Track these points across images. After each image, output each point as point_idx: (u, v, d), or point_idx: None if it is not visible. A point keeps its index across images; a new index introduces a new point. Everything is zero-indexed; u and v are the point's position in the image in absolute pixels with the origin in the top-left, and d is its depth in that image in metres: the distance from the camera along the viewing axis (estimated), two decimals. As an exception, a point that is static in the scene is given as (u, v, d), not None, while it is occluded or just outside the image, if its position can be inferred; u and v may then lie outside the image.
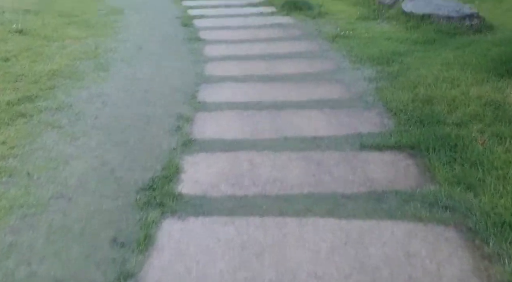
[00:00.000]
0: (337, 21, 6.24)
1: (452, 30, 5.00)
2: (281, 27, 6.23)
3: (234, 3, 7.80)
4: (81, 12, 6.50)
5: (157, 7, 7.21)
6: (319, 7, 7.04)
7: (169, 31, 5.83)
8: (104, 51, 4.86)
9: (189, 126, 3.16)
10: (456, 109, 3.00)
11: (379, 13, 6.39)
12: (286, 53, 4.97)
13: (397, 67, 3.97)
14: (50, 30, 5.49)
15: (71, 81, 3.98)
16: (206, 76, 4.25)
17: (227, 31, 6.02)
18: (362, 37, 5.17)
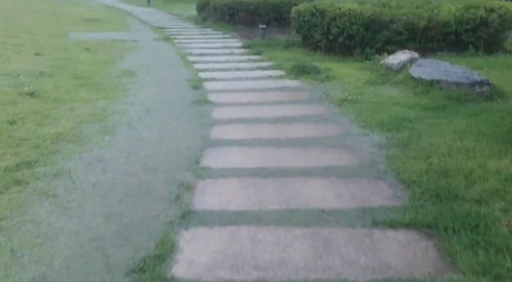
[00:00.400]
0: (344, 85, 6.24)
1: (462, 97, 4.91)
2: (289, 90, 6.25)
3: (244, 66, 7.96)
4: (94, 74, 6.65)
5: (169, 70, 7.36)
6: (327, 71, 7.12)
7: (179, 94, 5.87)
8: (112, 114, 4.84)
9: (189, 196, 2.98)
10: (474, 183, 2.78)
11: (387, 78, 6.40)
12: (294, 116, 4.89)
13: (408, 134, 3.83)
14: (61, 92, 5.56)
15: (74, 146, 3.89)
16: (212, 140, 4.15)
17: (236, 94, 6.05)
18: (370, 102, 5.10)
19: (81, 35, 10.52)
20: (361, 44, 8.22)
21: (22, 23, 12.20)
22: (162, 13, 17.94)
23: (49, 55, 7.85)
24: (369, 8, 8.41)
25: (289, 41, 9.98)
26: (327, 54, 8.64)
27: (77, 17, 14.28)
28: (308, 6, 9.09)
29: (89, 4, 21.43)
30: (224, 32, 12.27)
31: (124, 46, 9.43)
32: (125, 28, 12.56)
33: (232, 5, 13.09)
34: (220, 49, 9.71)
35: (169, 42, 10.37)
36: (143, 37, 10.98)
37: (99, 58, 7.94)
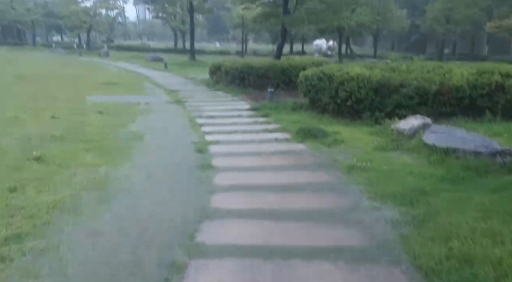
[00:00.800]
0: (353, 150, 6.02)
1: (482, 168, 4.53)
2: (295, 154, 6.05)
3: (251, 129, 7.88)
4: (102, 138, 6.61)
5: (176, 133, 7.31)
6: (334, 135, 6.95)
7: (183, 158, 5.72)
8: (113, 180, 4.66)
9: (178, 281, 2.65)
10: (505, 277, 2.39)
11: (398, 143, 6.16)
12: (298, 184, 4.63)
13: (424, 210, 3.48)
14: (68, 157, 5.46)
15: (69, 216, 3.68)
16: (211, 210, 3.88)
17: (240, 158, 5.88)
18: (381, 169, 4.82)
19: (98, 99, 10.78)
20: (370, 108, 8.13)
21: (46, 87, 12.66)
22: (177, 77, 18.58)
23: (64, 118, 7.94)
24: (377, 72, 8.44)
25: (297, 104, 10.00)
26: (335, 117, 8.56)
27: (96, 81, 14.83)
28: (315, 71, 9.20)
29: (109, 69, 22.47)
30: (234, 95, 12.46)
31: (137, 109, 9.55)
32: (141, 91, 12.90)
33: (242, 69, 13.44)
34: (229, 111, 9.75)
35: (181, 105, 10.51)
36: (156, 100, 11.19)
37: (111, 121, 7.99)
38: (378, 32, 41.35)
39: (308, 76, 9.23)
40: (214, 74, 15.48)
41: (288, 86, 13.87)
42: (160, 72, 21.36)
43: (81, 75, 16.95)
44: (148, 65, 25.65)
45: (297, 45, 52.15)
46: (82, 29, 43.00)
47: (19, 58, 26.83)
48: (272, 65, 13.72)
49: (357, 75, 8.29)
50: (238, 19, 43.20)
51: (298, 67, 14.01)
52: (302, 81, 9.45)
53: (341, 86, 8.34)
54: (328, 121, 8.29)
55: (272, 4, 18.67)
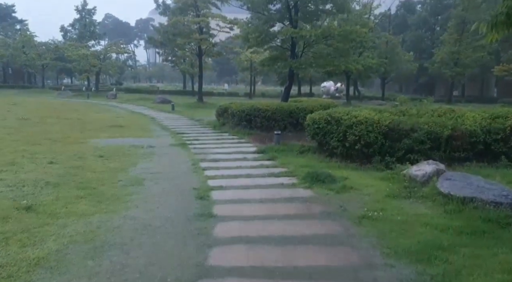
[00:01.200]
0: (363, 197, 5.75)
1: (503, 220, 4.25)
2: (301, 201, 5.78)
3: (256, 172, 7.66)
4: (100, 184, 6.43)
5: (178, 177, 7.11)
6: (343, 181, 6.70)
7: (183, 206, 5.48)
8: (105, 232, 4.42)
9: None
10: None
11: (411, 191, 5.89)
12: (304, 236, 4.33)
13: (442, 269, 3.18)
14: (60, 205, 5.27)
15: (52, 274, 3.43)
16: (208, 268, 3.59)
17: (244, 205, 5.62)
18: (394, 220, 4.52)
19: (101, 142, 10.75)
20: (380, 152, 7.91)
21: (49, 130, 12.74)
22: (184, 119, 18.72)
23: (62, 163, 7.84)
24: (387, 116, 8.30)
25: (304, 147, 9.84)
26: (344, 161, 8.33)
27: (101, 124, 14.95)
28: (323, 114, 9.12)
29: (116, 111, 22.82)
30: (240, 137, 12.38)
31: (139, 152, 9.46)
32: (145, 134, 12.91)
33: (249, 111, 13.47)
34: (234, 154, 9.61)
35: (185, 147, 10.41)
36: (160, 142, 11.13)
37: (112, 165, 7.86)
38: (386, 75, 41.95)
39: (315, 119, 9.13)
40: (221, 117, 15.55)
41: (295, 128, 13.81)
42: (167, 114, 21.60)
43: (86, 118, 17.16)
44: (156, 107, 26.05)
45: (305, 87, 53.12)
46: (91, 72, 44.48)
47: (26, 101, 27.51)
48: (279, 108, 13.75)
49: (365, 119, 8.16)
50: (246, 62, 44.45)
51: (306, 109, 14.03)
52: (310, 124, 9.34)
53: (350, 130, 8.20)
54: (336, 165, 8.07)
55: (279, 48, 19.13)
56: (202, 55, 29.25)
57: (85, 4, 48.50)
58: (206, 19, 27.39)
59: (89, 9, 48.70)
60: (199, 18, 27.22)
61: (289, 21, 17.54)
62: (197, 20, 27.13)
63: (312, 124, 9.23)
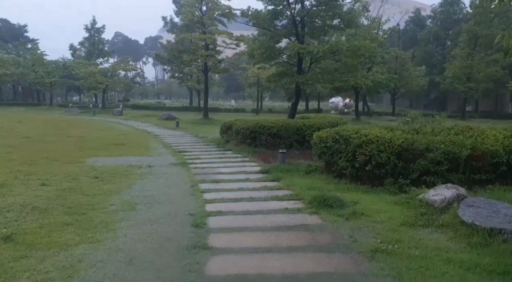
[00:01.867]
0: (376, 225, 5.25)
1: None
2: (307, 230, 5.30)
3: (259, 195, 7.22)
4: (90, 209, 6.04)
5: (174, 201, 6.69)
6: (353, 205, 6.21)
7: (175, 235, 5.05)
8: (86, 267, 4.00)
9: None
10: None
11: (429, 218, 5.38)
12: (310, 274, 3.85)
13: (472, 323, 2.67)
14: (43, 234, 4.87)
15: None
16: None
17: (243, 234, 5.17)
18: (411, 255, 4.02)
19: (99, 161, 10.43)
20: (393, 174, 7.42)
21: (49, 149, 12.47)
22: (188, 136, 18.41)
23: (55, 185, 7.48)
24: (399, 135, 7.84)
25: (311, 166, 9.38)
26: (353, 183, 7.85)
27: (102, 142, 14.68)
28: (330, 132, 8.69)
29: (120, 128, 22.64)
30: (244, 156, 11.97)
31: (137, 172, 9.08)
32: (146, 152, 12.57)
33: (253, 129, 13.10)
34: (236, 174, 9.18)
35: (185, 167, 10.02)
36: (160, 162, 10.77)
37: (106, 187, 7.48)
38: (396, 90, 41.50)
39: (322, 138, 8.70)
40: (225, 134, 15.20)
41: (302, 146, 13.38)
42: (171, 131, 21.34)
43: (88, 136, 16.94)
44: (160, 123, 25.86)
45: (313, 102, 52.87)
46: (98, 90, 44.84)
47: (32, 118, 27.58)
48: (285, 125, 13.35)
49: (376, 137, 7.71)
50: (253, 78, 44.51)
51: (313, 126, 13.61)
52: (316, 143, 8.91)
53: (359, 149, 7.74)
54: (345, 188, 7.59)
55: (286, 64, 18.88)
56: (208, 71, 29.20)
57: (94, 23, 49.34)
58: (212, 36, 27.43)
59: (98, 28, 49.49)
60: (205, 35, 27.25)
61: (296, 36, 17.33)
62: (203, 37, 27.17)
63: (319, 143, 8.80)
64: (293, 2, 17.32)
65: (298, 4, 17.54)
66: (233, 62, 32.04)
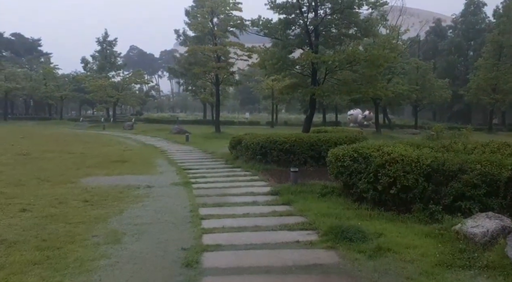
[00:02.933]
0: (405, 266, 4.37)
1: None
2: (322, 272, 4.45)
3: (266, 223, 6.38)
4: (69, 240, 5.31)
5: (167, 232, 5.90)
6: (376, 238, 5.33)
7: (160, 278, 4.23)
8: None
9: None
10: None
11: (470, 256, 4.47)
12: None
13: None
14: (2, 277, 4.10)
15: None
16: None
17: (243, 277, 4.34)
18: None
19: (94, 181, 9.77)
20: (421, 198, 6.50)
21: (45, 167, 11.91)
22: (196, 152, 17.72)
23: (37, 211, 6.81)
24: (427, 154, 6.92)
25: (327, 188, 8.48)
26: (376, 208, 6.94)
27: (104, 158, 14.09)
28: (347, 150, 7.82)
29: (127, 143, 22.14)
30: (253, 173, 11.16)
31: (133, 195, 8.35)
32: (148, 170, 11.88)
33: (264, 144, 12.31)
34: (242, 196, 8.37)
35: (188, 187, 9.25)
36: (162, 181, 10.04)
37: (93, 213, 6.76)
38: (418, 102, 40.22)
39: (339, 156, 7.83)
40: (234, 149, 14.44)
41: (317, 163, 12.50)
42: (180, 146, 20.72)
43: (91, 152, 16.38)
44: (170, 138, 25.33)
45: (331, 114, 51.84)
46: (109, 103, 44.93)
47: (38, 133, 27.47)
48: (298, 140, 12.52)
49: (401, 156, 6.81)
50: (268, 90, 43.94)
51: (329, 141, 12.73)
52: (332, 161, 8.04)
53: (382, 169, 6.85)
54: (367, 214, 6.69)
55: (299, 75, 18.14)
56: (219, 84, 28.71)
57: (107, 36, 49.78)
58: (224, 47, 27.00)
59: (110, 41, 49.89)
60: (216, 47, 26.84)
61: (309, 46, 16.62)
62: (214, 48, 26.77)
63: (335, 161, 7.93)
64: (306, 11, 16.68)
65: (311, 13, 16.88)
66: (245, 74, 31.49)
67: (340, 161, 7.74)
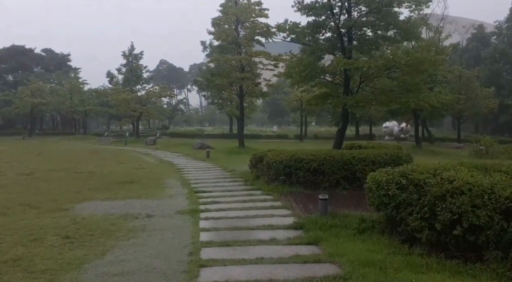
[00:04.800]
0: None
1: None
2: None
3: (286, 275, 4.90)
4: None
5: None
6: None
7: None
8: None
9: None
10: None
11: None
12: None
13: None
14: None
15: None
16: None
17: None
18: None
19: (91, 207, 8.61)
20: (499, 243, 4.84)
21: (41, 190, 10.82)
22: (214, 170, 16.38)
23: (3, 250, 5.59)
24: (504, 181, 5.22)
25: (365, 221, 6.89)
26: (434, 253, 5.32)
27: (111, 179, 12.97)
28: (393, 175, 6.21)
29: (144, 160, 21.14)
30: (275, 198, 9.69)
31: (126, 227, 7.06)
32: (156, 193, 10.62)
33: (288, 163, 10.82)
34: (259, 231, 6.93)
35: (195, 217, 7.88)
36: (166, 208, 8.74)
37: (68, 255, 5.51)
38: (461, 113, 37.49)
39: (381, 182, 6.24)
40: (255, 167, 13.00)
41: (351, 184, 10.87)
42: (199, 162, 19.51)
43: (100, 171, 15.29)
44: (191, 153, 24.22)
45: (364, 127, 49.50)
46: (133, 117, 44.75)
47: (55, 149, 27.09)
48: (328, 157, 10.95)
49: (468, 184, 5.18)
50: (296, 102, 42.36)
51: (366, 160, 11.08)
52: (372, 189, 6.45)
53: (441, 202, 5.25)
54: (421, 263, 5.11)
55: (330, 84, 16.60)
56: (243, 95, 27.49)
57: (132, 49, 50.02)
58: (248, 57, 25.83)
59: (136, 54, 50.09)
60: (239, 56, 25.73)
61: (341, 51, 15.09)
62: (237, 58, 25.66)
63: (376, 189, 6.33)
64: (338, 12, 15.20)
65: (344, 14, 15.39)
66: (272, 84, 30.09)
67: (383, 188, 6.15)
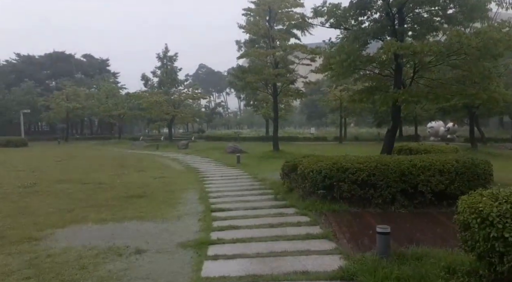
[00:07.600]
0: None
1: None
2: None
3: None
4: None
5: None
6: None
7: None
8: None
9: None
10: None
11: None
12: None
13: None
14: None
15: None
16: None
17: None
18: None
19: (72, 236, 6.69)
20: None
21: (30, 207, 8.98)
22: (243, 178, 14.13)
23: None
24: None
25: (455, 272, 4.35)
26: None
27: (120, 192, 11.02)
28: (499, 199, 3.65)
29: (169, 166, 19.26)
30: (312, 221, 7.34)
31: (98, 274, 4.95)
32: (164, 212, 8.53)
33: (329, 173, 8.45)
34: (291, 276, 4.56)
35: (200, 254, 5.67)
36: (167, 237, 6.62)
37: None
38: (521, 110, 33.03)
39: (488, 216, 3.70)
40: (288, 177, 10.66)
41: (411, 201, 8.32)
42: (227, 169, 17.37)
43: (112, 181, 13.34)
44: (221, 158, 22.19)
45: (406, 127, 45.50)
46: (166, 121, 43.57)
47: (80, 155, 26.02)
48: (380, 166, 8.48)
49: None
50: (335, 102, 39.52)
51: (430, 168, 8.45)
52: (472, 226, 3.92)
53: None
54: None
55: (377, 76, 13.92)
56: (277, 94, 25.10)
57: (167, 51, 48.96)
58: (281, 50, 23.46)
59: (170, 56, 48.99)
60: (271, 50, 23.40)
61: (391, 35, 12.42)
62: (269, 52, 23.34)
63: (479, 226, 3.80)
64: (387, -12, 12.53)
65: (394, -9, 12.70)
66: (309, 82, 27.49)
67: (493, 225, 3.62)
